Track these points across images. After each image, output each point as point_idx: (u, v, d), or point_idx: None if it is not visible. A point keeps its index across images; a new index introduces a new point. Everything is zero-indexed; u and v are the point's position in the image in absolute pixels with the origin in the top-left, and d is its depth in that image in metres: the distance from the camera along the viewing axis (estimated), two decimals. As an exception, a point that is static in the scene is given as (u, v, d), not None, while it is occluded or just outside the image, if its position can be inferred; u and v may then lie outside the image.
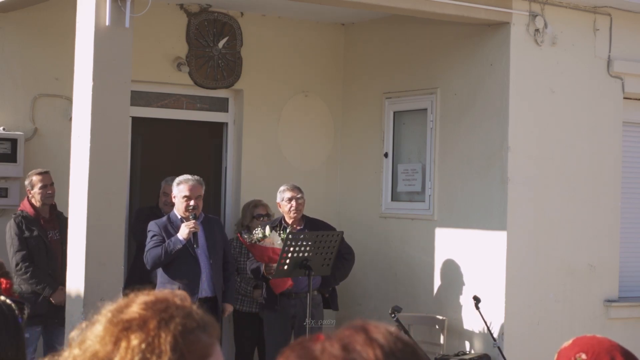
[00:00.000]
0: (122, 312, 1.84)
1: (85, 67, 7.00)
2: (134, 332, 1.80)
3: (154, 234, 7.70)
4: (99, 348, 1.81)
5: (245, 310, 8.93)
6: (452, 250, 8.84)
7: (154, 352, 1.78)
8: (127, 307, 1.86)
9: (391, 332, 1.70)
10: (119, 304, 1.88)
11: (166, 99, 9.52)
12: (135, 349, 1.78)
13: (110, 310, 1.86)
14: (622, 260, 9.07)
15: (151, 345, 1.78)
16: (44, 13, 8.61)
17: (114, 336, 1.80)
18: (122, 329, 1.81)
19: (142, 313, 1.83)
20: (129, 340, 1.79)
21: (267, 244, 7.86)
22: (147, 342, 1.78)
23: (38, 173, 8.02)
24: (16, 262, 7.84)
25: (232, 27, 9.60)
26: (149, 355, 1.77)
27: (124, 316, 1.83)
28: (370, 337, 1.68)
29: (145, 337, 1.79)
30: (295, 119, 9.90)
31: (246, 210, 9.18)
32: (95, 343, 1.82)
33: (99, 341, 1.81)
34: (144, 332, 1.80)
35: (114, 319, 1.84)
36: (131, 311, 1.84)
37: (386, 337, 1.68)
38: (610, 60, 8.95)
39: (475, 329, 8.52)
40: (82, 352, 1.83)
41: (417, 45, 9.34)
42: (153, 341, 1.79)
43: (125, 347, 1.79)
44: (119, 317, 1.83)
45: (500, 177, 8.40)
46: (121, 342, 1.79)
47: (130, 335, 1.80)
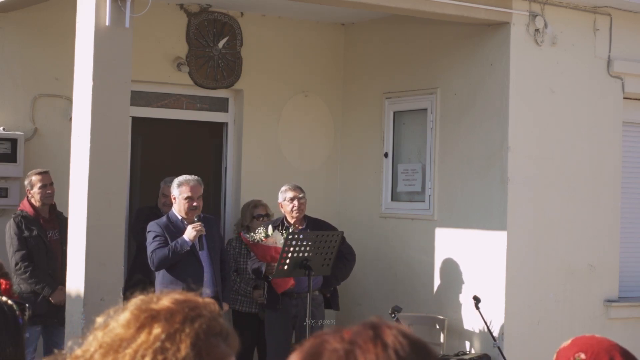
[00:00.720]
0: (152, 303, 1.88)
1: (85, 67, 7.00)
2: (158, 321, 1.83)
3: (156, 234, 7.69)
4: (122, 332, 1.84)
5: (244, 310, 8.93)
6: (452, 250, 8.84)
7: (173, 344, 1.80)
8: (157, 300, 1.89)
9: (404, 332, 1.71)
10: (149, 297, 1.91)
11: (166, 99, 9.52)
12: (155, 337, 1.80)
13: (141, 300, 1.90)
14: (622, 260, 9.07)
15: (172, 337, 1.81)
16: (44, 13, 8.61)
17: (139, 322, 1.83)
18: (148, 317, 1.84)
19: (171, 306, 1.86)
20: (152, 328, 1.82)
21: (270, 243, 7.86)
22: (168, 333, 1.81)
23: (37, 173, 8.02)
24: (16, 261, 7.84)
25: (232, 27, 9.60)
26: (168, 345, 1.80)
27: (153, 306, 1.86)
28: (377, 334, 1.69)
29: (168, 328, 1.81)
30: (295, 119, 9.90)
31: (246, 211, 9.18)
32: (119, 327, 1.85)
33: (124, 325, 1.85)
34: (169, 323, 1.82)
35: (142, 306, 1.87)
36: (161, 303, 1.88)
37: (394, 337, 1.68)
38: (610, 60, 8.95)
39: (475, 329, 8.53)
40: (105, 334, 1.86)
41: (417, 45, 9.34)
42: (175, 334, 1.81)
43: (147, 333, 1.81)
44: (148, 306, 1.87)
45: (500, 177, 8.40)
46: (144, 329, 1.82)
47: (154, 324, 1.82)
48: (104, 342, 1.84)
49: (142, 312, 1.85)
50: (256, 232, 7.98)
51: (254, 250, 8.06)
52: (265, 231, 7.93)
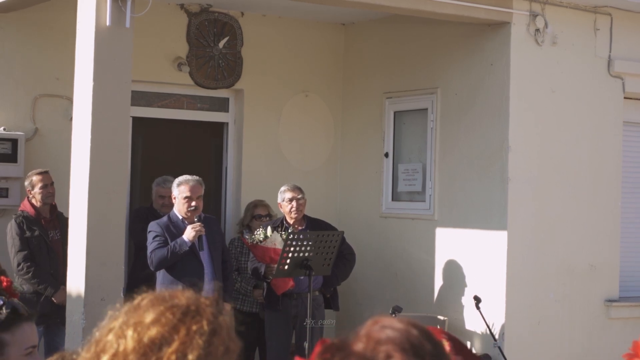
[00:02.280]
0: (173, 299, 1.87)
1: (85, 67, 7.00)
2: (193, 317, 1.83)
3: (156, 234, 7.69)
4: (158, 330, 1.81)
5: (245, 310, 8.93)
6: (453, 250, 8.84)
7: (216, 335, 1.82)
8: (177, 296, 1.89)
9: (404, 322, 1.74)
10: (164, 293, 1.90)
11: (167, 99, 9.52)
12: (197, 331, 1.81)
13: (158, 296, 1.88)
14: (622, 260, 9.07)
15: (214, 329, 1.82)
16: (44, 13, 8.61)
17: (176, 319, 1.82)
18: (182, 313, 1.83)
19: (195, 301, 1.87)
20: (190, 323, 1.82)
21: (269, 245, 7.86)
22: (212, 327, 1.82)
23: (38, 173, 8.02)
24: (18, 262, 7.84)
25: (233, 27, 9.60)
26: (211, 337, 1.81)
27: (178, 302, 1.86)
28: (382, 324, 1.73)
29: (207, 321, 1.83)
30: (296, 119, 9.90)
31: (247, 210, 9.20)
32: (152, 325, 1.82)
33: (158, 323, 1.82)
34: (204, 317, 1.83)
35: (167, 302, 1.85)
36: (182, 298, 1.87)
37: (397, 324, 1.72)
38: (611, 60, 8.95)
39: (476, 329, 8.53)
40: (138, 335, 1.83)
41: (417, 45, 9.34)
42: (214, 325, 1.83)
43: (187, 328, 1.81)
44: (174, 302, 1.85)
45: (500, 177, 8.40)
46: (182, 325, 1.81)
47: (191, 320, 1.82)
48: (140, 343, 1.81)
49: (172, 309, 1.84)
50: (255, 234, 7.98)
51: (253, 251, 8.06)
52: (264, 232, 7.93)
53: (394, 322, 1.71)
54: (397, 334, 1.67)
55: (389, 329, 1.69)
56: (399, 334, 1.67)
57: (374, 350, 1.66)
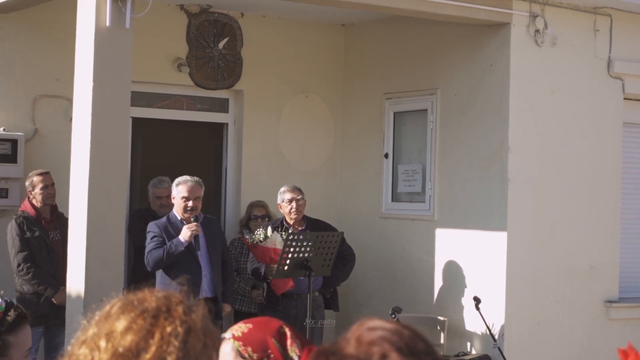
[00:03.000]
0: (143, 302, 1.84)
1: (85, 68, 7.00)
2: (165, 319, 1.80)
3: (154, 234, 7.69)
4: (132, 338, 1.79)
5: (244, 310, 8.93)
6: (453, 250, 8.84)
7: (190, 334, 1.80)
8: (145, 299, 1.85)
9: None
10: (132, 297, 1.87)
11: (166, 100, 9.52)
12: (172, 333, 1.79)
13: (128, 301, 1.85)
14: (622, 261, 9.07)
15: (187, 328, 1.80)
16: (44, 13, 8.61)
17: (148, 323, 1.79)
18: (153, 317, 1.81)
19: (165, 302, 1.84)
20: (163, 326, 1.79)
21: (269, 245, 7.86)
22: (184, 326, 1.80)
23: (39, 174, 8.02)
24: (18, 262, 7.84)
25: (233, 28, 9.60)
26: (186, 337, 1.79)
27: (148, 305, 1.83)
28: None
29: (180, 322, 1.80)
30: (296, 119, 9.90)
31: (246, 210, 9.21)
32: (126, 334, 1.79)
33: (131, 331, 1.79)
34: (175, 317, 1.81)
35: (139, 308, 1.82)
36: (150, 300, 1.85)
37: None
38: (611, 60, 8.96)
39: (476, 330, 8.53)
40: (112, 346, 1.80)
41: (417, 45, 9.34)
42: (187, 324, 1.80)
43: (160, 331, 1.79)
44: (143, 306, 1.82)
45: (500, 177, 8.40)
46: (155, 329, 1.79)
47: (164, 322, 1.80)
48: (115, 354, 1.78)
49: (142, 313, 1.82)
50: (255, 234, 7.98)
51: (253, 251, 8.06)
52: (264, 233, 7.93)
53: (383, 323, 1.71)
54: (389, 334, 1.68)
55: (380, 329, 1.69)
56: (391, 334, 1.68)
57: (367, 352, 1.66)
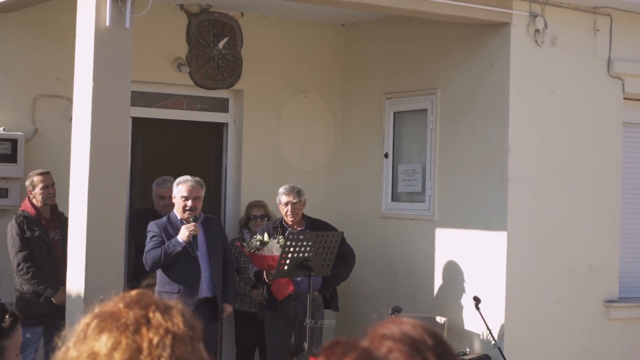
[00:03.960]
0: (119, 315, 1.79)
1: (85, 68, 7.00)
2: (148, 330, 1.77)
3: (153, 234, 7.70)
4: (120, 356, 1.75)
5: (244, 309, 8.93)
6: (453, 250, 8.84)
7: (176, 340, 1.77)
8: (119, 312, 1.80)
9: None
10: (104, 312, 1.81)
11: (166, 100, 9.52)
12: (159, 344, 1.75)
13: (102, 319, 1.80)
14: (622, 261, 9.07)
15: (173, 335, 1.77)
16: (44, 13, 8.61)
17: (130, 339, 1.76)
18: (135, 330, 1.77)
19: (142, 311, 1.80)
20: (150, 339, 1.76)
21: (265, 253, 7.84)
22: (169, 334, 1.76)
23: (39, 173, 8.03)
24: (18, 262, 7.84)
25: (233, 28, 9.60)
26: (175, 343, 1.76)
27: (126, 320, 1.78)
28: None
29: (164, 330, 1.77)
30: (296, 119, 9.90)
31: (246, 210, 9.21)
32: (112, 353, 1.75)
33: (116, 351, 1.75)
34: (157, 327, 1.77)
35: (117, 324, 1.78)
36: (127, 313, 1.80)
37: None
38: (611, 60, 8.96)
39: (476, 330, 8.53)
40: None
41: (417, 45, 9.34)
42: (172, 331, 1.77)
43: (147, 341, 1.75)
44: (122, 322, 1.78)
45: (500, 177, 8.40)
46: (142, 344, 1.76)
47: (148, 333, 1.76)
48: None
49: (123, 330, 1.76)
50: (252, 240, 7.97)
51: (251, 258, 8.06)
52: (261, 239, 7.91)
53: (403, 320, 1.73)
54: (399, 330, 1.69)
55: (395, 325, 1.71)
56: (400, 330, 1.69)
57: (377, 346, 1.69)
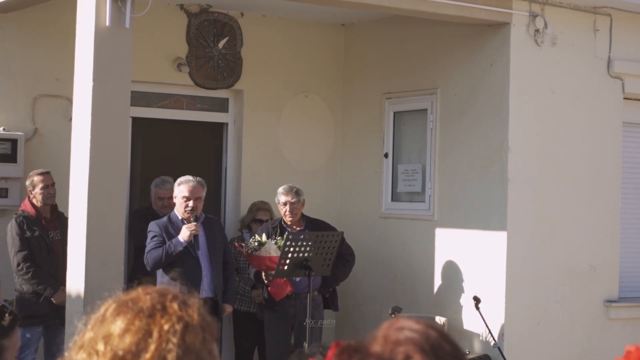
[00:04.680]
0: (136, 302, 1.84)
1: (85, 68, 7.00)
2: (160, 316, 1.80)
3: (154, 234, 7.69)
4: (131, 340, 1.78)
5: (243, 309, 8.92)
6: (452, 250, 8.84)
7: (188, 330, 1.79)
8: (139, 298, 1.85)
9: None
10: (126, 297, 1.86)
11: (166, 99, 9.51)
12: (170, 331, 1.78)
13: (122, 302, 1.85)
14: (622, 261, 9.07)
15: (185, 324, 1.80)
16: (44, 13, 8.61)
17: (144, 323, 1.79)
18: (149, 316, 1.80)
19: (160, 299, 1.84)
20: (160, 324, 1.79)
21: (263, 254, 7.84)
22: (181, 323, 1.79)
23: (39, 173, 8.03)
24: (17, 262, 7.84)
25: (232, 28, 9.60)
26: (184, 333, 1.79)
27: (143, 304, 1.82)
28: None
29: (177, 318, 1.80)
30: (296, 119, 9.90)
31: (250, 211, 9.16)
32: (124, 336, 1.78)
33: (128, 332, 1.78)
34: (171, 314, 1.80)
35: (132, 308, 1.82)
36: (144, 299, 1.84)
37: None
38: (611, 60, 8.95)
39: (476, 330, 8.52)
40: (111, 349, 1.79)
41: (417, 45, 9.34)
42: (184, 321, 1.80)
43: (158, 330, 1.78)
44: (139, 306, 1.82)
45: (500, 177, 8.40)
46: (153, 327, 1.79)
47: (160, 320, 1.79)
48: (115, 356, 1.78)
49: (138, 314, 1.81)
50: (250, 241, 7.97)
51: (249, 259, 8.06)
52: (259, 239, 7.91)
53: (412, 323, 1.71)
54: (416, 335, 1.67)
55: (407, 330, 1.68)
56: (417, 335, 1.67)
57: (392, 352, 1.65)
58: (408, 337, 1.67)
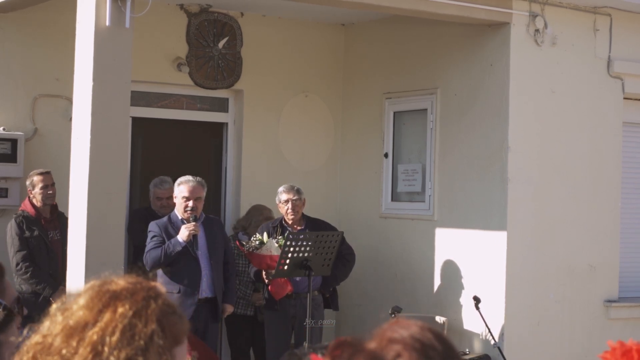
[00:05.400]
0: (109, 285, 1.90)
1: (85, 67, 7.00)
2: (121, 300, 1.85)
3: (154, 234, 7.69)
4: (84, 313, 1.85)
5: (240, 312, 8.84)
6: (452, 250, 8.84)
7: (140, 320, 1.83)
8: (113, 282, 1.91)
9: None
10: (103, 280, 1.93)
11: (166, 99, 9.52)
12: (122, 314, 1.83)
13: (96, 283, 1.92)
14: (622, 260, 9.07)
15: (138, 313, 1.84)
16: (44, 13, 8.61)
17: (102, 303, 1.86)
18: (109, 297, 1.86)
19: (129, 286, 1.89)
20: (116, 307, 1.84)
21: (264, 252, 7.84)
22: (134, 310, 1.84)
23: (39, 173, 8.03)
24: (17, 262, 7.84)
25: (232, 28, 9.60)
26: (136, 321, 1.83)
27: (112, 287, 1.89)
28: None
29: (134, 305, 1.85)
30: (295, 119, 9.90)
31: (253, 216, 9.00)
32: (80, 309, 1.86)
33: (85, 307, 1.86)
34: (132, 301, 1.85)
35: (101, 288, 1.89)
36: (117, 284, 1.90)
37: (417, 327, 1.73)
38: (610, 60, 8.95)
39: (476, 329, 8.53)
40: (65, 318, 1.87)
41: (417, 45, 9.34)
42: (141, 310, 1.84)
43: (112, 312, 1.84)
44: (107, 287, 1.89)
45: (500, 177, 8.40)
46: (108, 308, 1.85)
47: (117, 303, 1.85)
48: (66, 325, 1.85)
49: (102, 294, 1.88)
50: (251, 240, 7.97)
51: (249, 258, 8.06)
52: (260, 238, 7.90)
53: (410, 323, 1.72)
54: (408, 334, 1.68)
55: (403, 329, 1.70)
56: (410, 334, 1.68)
57: (385, 349, 1.67)
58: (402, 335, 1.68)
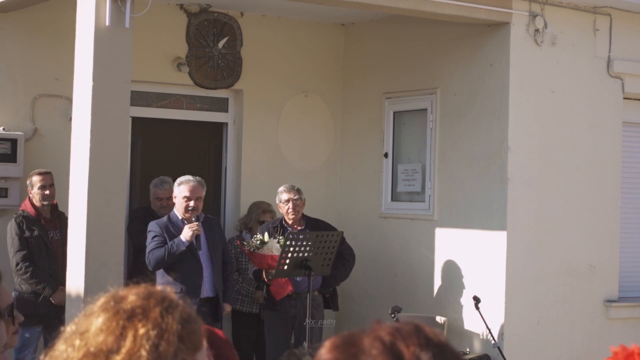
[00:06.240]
0: (121, 302, 1.86)
1: (85, 67, 7.00)
2: (140, 320, 1.82)
3: (155, 234, 7.69)
4: (104, 338, 1.80)
5: (245, 310, 8.91)
6: (452, 250, 8.84)
7: (163, 338, 1.80)
8: (124, 298, 1.87)
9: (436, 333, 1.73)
10: (113, 296, 1.89)
11: (166, 99, 9.52)
12: (144, 336, 1.79)
13: (108, 301, 1.88)
14: (622, 260, 9.07)
15: (160, 331, 1.81)
16: (44, 13, 8.61)
17: (120, 326, 1.81)
18: (128, 318, 1.82)
19: (143, 303, 1.85)
20: (136, 328, 1.80)
21: (265, 252, 7.84)
22: (156, 329, 1.81)
23: (39, 173, 8.03)
24: (16, 262, 7.84)
25: (232, 27, 9.60)
26: (159, 341, 1.80)
27: (125, 306, 1.84)
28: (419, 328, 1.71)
29: (153, 324, 1.81)
30: (295, 119, 9.90)
31: (253, 212, 9.09)
32: (99, 333, 1.81)
33: (104, 331, 1.81)
34: (149, 320, 1.82)
35: (115, 308, 1.84)
36: (130, 300, 1.86)
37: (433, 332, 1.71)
38: (610, 60, 8.95)
39: (475, 329, 8.53)
40: (84, 345, 1.82)
41: (417, 45, 9.34)
42: (161, 327, 1.81)
43: (133, 335, 1.80)
44: (120, 307, 1.84)
45: (500, 177, 8.40)
46: (128, 331, 1.80)
47: (137, 323, 1.81)
48: (87, 353, 1.80)
49: (118, 314, 1.83)
50: (252, 239, 7.97)
51: (250, 257, 8.06)
52: (261, 238, 7.90)
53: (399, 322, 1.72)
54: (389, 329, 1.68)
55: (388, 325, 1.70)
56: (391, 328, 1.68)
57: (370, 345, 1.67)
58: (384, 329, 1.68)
